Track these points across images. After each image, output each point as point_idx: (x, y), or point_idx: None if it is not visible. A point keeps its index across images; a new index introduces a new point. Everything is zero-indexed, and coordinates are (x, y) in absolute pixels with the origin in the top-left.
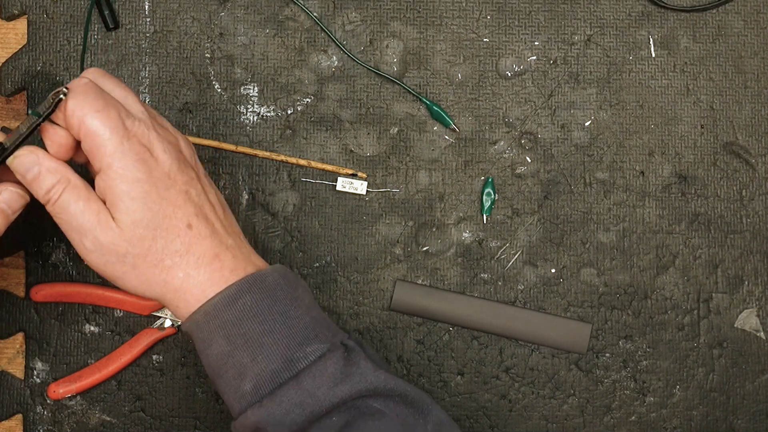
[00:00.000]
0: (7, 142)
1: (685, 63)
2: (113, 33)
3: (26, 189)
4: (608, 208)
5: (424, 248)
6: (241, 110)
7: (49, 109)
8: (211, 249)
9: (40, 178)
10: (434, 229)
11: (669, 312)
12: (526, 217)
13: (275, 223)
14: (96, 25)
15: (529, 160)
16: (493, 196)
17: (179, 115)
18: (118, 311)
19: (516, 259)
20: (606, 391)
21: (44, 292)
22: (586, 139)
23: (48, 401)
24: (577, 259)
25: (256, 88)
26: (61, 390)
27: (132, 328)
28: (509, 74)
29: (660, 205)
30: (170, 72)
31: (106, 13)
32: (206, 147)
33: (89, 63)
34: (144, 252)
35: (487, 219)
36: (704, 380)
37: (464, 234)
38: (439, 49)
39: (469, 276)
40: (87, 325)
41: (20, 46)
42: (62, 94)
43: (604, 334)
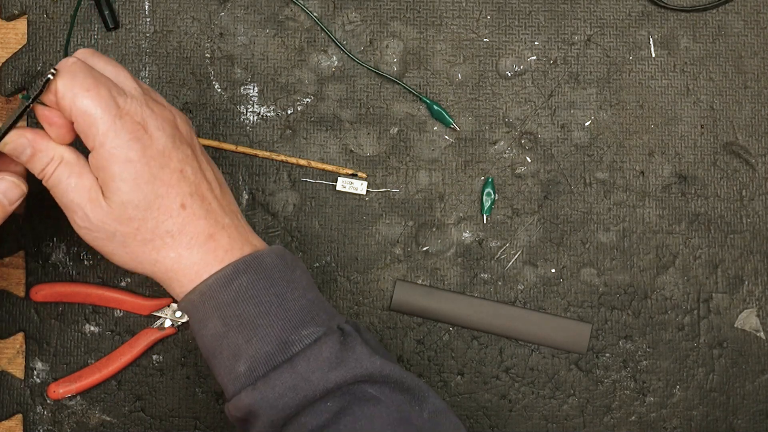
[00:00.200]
0: (1, 129)
1: (685, 63)
2: (113, 33)
3: (24, 180)
4: (608, 208)
5: (424, 248)
6: (241, 110)
7: (38, 91)
8: (206, 229)
9: (34, 159)
10: (434, 229)
11: (669, 312)
12: (526, 217)
13: (275, 223)
14: (96, 25)
15: (529, 160)
16: (493, 196)
17: None
18: (118, 311)
19: (516, 259)
20: (606, 391)
21: (44, 292)
22: (586, 139)
23: (48, 401)
24: (577, 259)
25: (256, 88)
26: (61, 390)
27: (132, 328)
28: (509, 74)
29: (660, 205)
30: (170, 72)
31: (106, 13)
32: (206, 147)
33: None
34: (133, 231)
35: (487, 219)
36: (704, 380)
37: (464, 234)
38: (439, 49)
39: (469, 276)
40: (87, 325)
41: (20, 46)
42: (50, 74)
43: (604, 334)
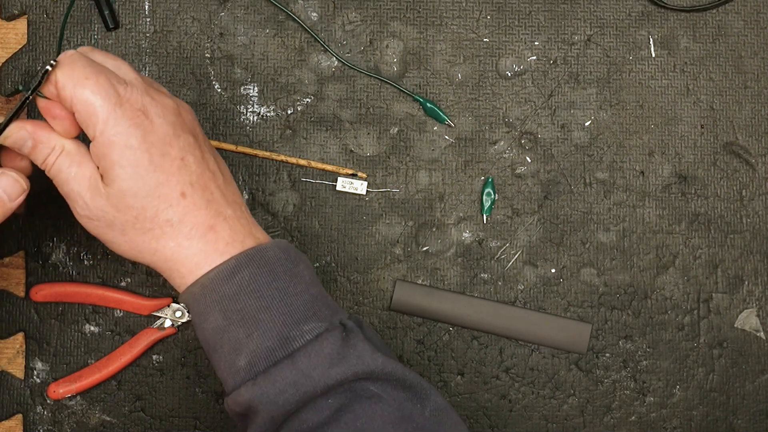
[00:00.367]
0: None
1: (685, 63)
2: (113, 33)
3: (25, 177)
4: (608, 208)
5: (424, 248)
6: (241, 110)
7: (38, 82)
8: (207, 220)
9: (35, 150)
10: (434, 229)
11: (669, 312)
12: (526, 217)
13: (275, 223)
14: (96, 25)
15: (529, 160)
16: (493, 196)
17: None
18: (118, 311)
19: (516, 259)
20: (606, 391)
21: (44, 292)
22: (586, 139)
23: (48, 401)
24: (577, 259)
25: (256, 88)
26: (61, 390)
27: (132, 328)
28: (509, 74)
29: (660, 205)
30: (170, 72)
31: (106, 13)
32: None
33: None
34: (132, 219)
35: (487, 219)
36: (704, 380)
37: (464, 234)
38: (439, 49)
39: (469, 276)
40: (87, 325)
41: (20, 46)
42: (49, 65)
43: (604, 334)
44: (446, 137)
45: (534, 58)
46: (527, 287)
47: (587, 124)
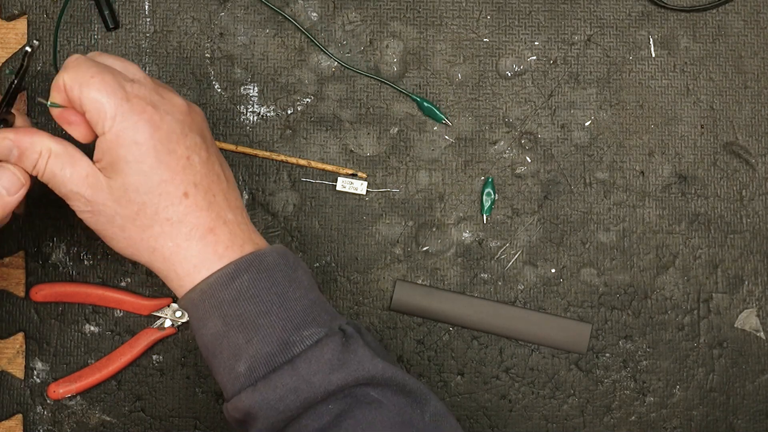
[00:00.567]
0: None
1: (685, 63)
2: (113, 33)
3: (24, 172)
4: (608, 208)
5: (424, 248)
6: (241, 110)
7: (21, 66)
8: (207, 222)
9: (23, 158)
10: (434, 229)
11: (669, 312)
12: (526, 217)
13: (275, 223)
14: (96, 25)
15: (529, 160)
16: (493, 196)
17: None
18: (118, 311)
19: (516, 259)
20: (606, 391)
21: (44, 292)
22: (586, 139)
23: (48, 401)
24: (577, 259)
25: (256, 88)
26: (61, 390)
27: (132, 328)
28: (509, 74)
29: (660, 205)
30: (170, 72)
31: (106, 13)
32: None
33: None
34: (132, 215)
35: (487, 219)
36: (704, 380)
37: (464, 234)
38: (439, 49)
39: (469, 276)
40: (87, 325)
41: (20, 46)
42: (28, 46)
43: (604, 334)
44: (446, 137)
45: (534, 58)
46: (527, 287)
47: (587, 124)
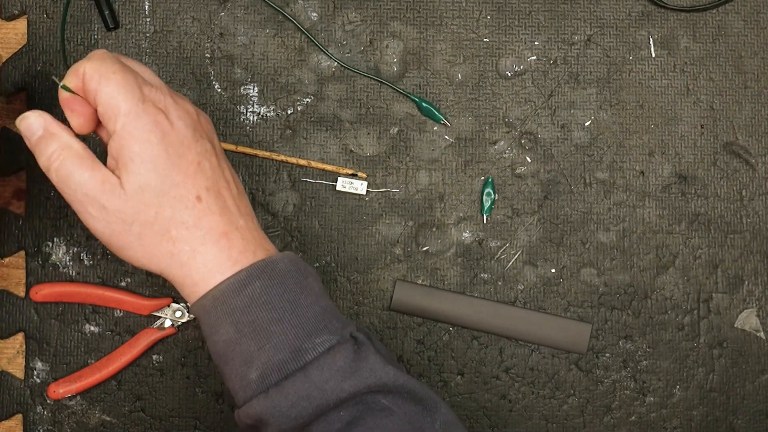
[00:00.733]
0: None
1: (685, 63)
2: (113, 33)
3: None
4: (608, 208)
5: (424, 248)
6: (241, 110)
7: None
8: (220, 226)
9: (42, 143)
10: (434, 229)
11: (669, 312)
12: (526, 217)
13: (275, 223)
14: (96, 25)
15: (529, 160)
16: (493, 196)
17: None
18: (118, 311)
19: (516, 259)
20: (606, 391)
21: (44, 292)
22: (586, 139)
23: (48, 401)
24: (577, 259)
25: (256, 88)
26: (61, 390)
27: (132, 328)
28: (509, 74)
29: (660, 205)
30: (170, 72)
31: (106, 13)
32: None
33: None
34: (150, 220)
35: (487, 219)
36: (704, 380)
37: (464, 234)
38: (439, 49)
39: (469, 276)
40: (87, 325)
41: (20, 46)
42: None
43: (604, 334)
44: (446, 137)
45: (534, 58)
46: (527, 287)
47: (587, 124)
